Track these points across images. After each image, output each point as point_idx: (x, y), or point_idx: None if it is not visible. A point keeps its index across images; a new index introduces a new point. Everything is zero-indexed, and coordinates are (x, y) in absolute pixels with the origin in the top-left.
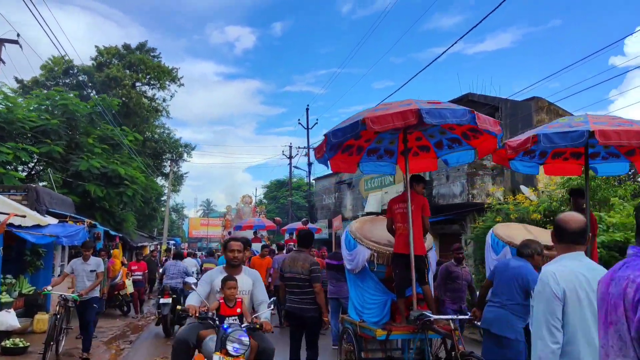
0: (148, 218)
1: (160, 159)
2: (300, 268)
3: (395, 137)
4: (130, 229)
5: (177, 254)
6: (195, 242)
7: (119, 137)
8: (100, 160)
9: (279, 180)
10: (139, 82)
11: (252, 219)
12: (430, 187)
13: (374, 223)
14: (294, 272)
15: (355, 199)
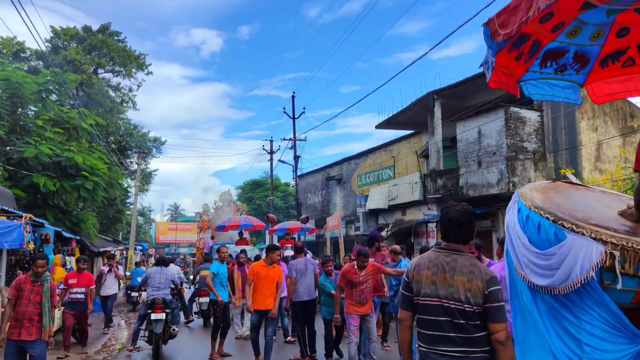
0: (112, 221)
1: (125, 155)
2: (461, 287)
3: (607, 23)
4: (90, 231)
5: (161, 259)
6: (162, 248)
7: (74, 121)
8: (53, 147)
9: (254, 180)
10: (101, 68)
11: (238, 217)
12: (457, 175)
13: (568, 192)
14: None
15: (346, 196)
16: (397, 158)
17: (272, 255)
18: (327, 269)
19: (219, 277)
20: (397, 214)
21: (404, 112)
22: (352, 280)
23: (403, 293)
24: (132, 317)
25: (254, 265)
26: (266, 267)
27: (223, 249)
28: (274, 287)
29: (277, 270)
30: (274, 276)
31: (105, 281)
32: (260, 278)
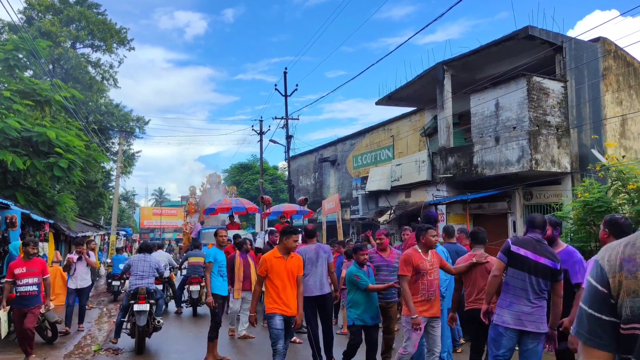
0: (94, 205)
1: (107, 135)
2: None
3: None
4: (66, 215)
5: (145, 246)
6: (147, 233)
7: (46, 92)
8: (22, 120)
9: (241, 163)
10: (79, 42)
11: (229, 199)
12: (471, 153)
13: None
14: None
15: (341, 179)
16: (397, 137)
17: (287, 241)
18: (360, 257)
19: (217, 265)
20: (401, 196)
21: (408, 86)
22: (418, 267)
23: (595, 316)
24: (113, 308)
25: (267, 257)
26: (282, 258)
27: (222, 232)
28: (294, 284)
29: (297, 261)
30: (294, 270)
31: (75, 272)
32: (275, 273)
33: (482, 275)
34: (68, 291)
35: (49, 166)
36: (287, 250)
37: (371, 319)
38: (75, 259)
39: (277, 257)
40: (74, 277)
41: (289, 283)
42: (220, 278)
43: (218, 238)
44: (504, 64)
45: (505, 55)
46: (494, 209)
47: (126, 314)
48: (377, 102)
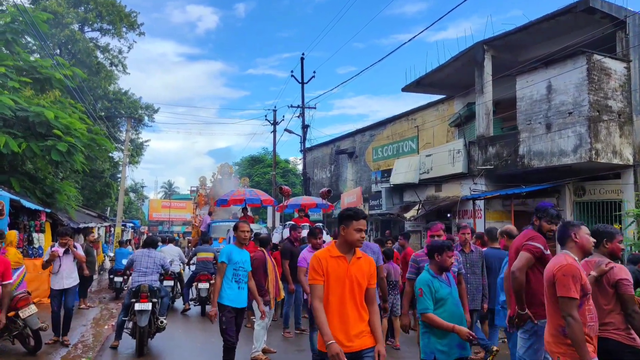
0: (100, 195)
1: (115, 123)
2: None
3: None
4: (67, 204)
5: (150, 240)
6: (155, 226)
7: (46, 70)
8: (17, 98)
9: (252, 156)
10: (87, 25)
11: (242, 190)
12: (516, 141)
13: None
14: None
15: (359, 171)
16: (422, 127)
17: (348, 232)
18: (447, 260)
19: (231, 267)
20: (430, 190)
21: (440, 70)
22: (585, 285)
23: None
24: (114, 308)
25: (320, 255)
26: (343, 258)
27: (243, 226)
28: (361, 300)
29: (367, 264)
30: (361, 278)
31: (60, 268)
32: (332, 282)
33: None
34: (52, 294)
35: (46, 149)
36: (350, 247)
37: (459, 348)
38: (61, 253)
39: (335, 256)
40: (58, 274)
41: (351, 299)
42: (234, 285)
43: (239, 233)
44: (554, 42)
45: (557, 32)
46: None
47: (128, 313)
48: (404, 89)
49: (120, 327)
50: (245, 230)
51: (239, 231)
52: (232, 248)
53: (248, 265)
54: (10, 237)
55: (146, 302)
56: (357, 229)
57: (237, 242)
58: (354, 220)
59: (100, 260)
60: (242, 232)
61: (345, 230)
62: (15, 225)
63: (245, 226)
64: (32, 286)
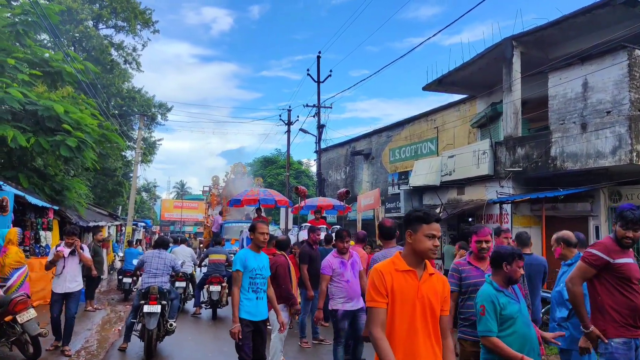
0: (112, 194)
1: (127, 122)
2: None
3: None
4: (77, 202)
5: (160, 241)
6: (167, 226)
7: (57, 63)
8: (26, 91)
9: (265, 157)
10: (102, 22)
11: (256, 190)
12: (547, 142)
13: None
14: None
15: (375, 173)
16: (442, 128)
17: (417, 238)
18: (513, 270)
19: (247, 274)
20: (451, 193)
21: (465, 68)
22: None
23: None
24: (122, 310)
25: (383, 269)
26: (413, 274)
27: (262, 227)
28: (435, 330)
29: (440, 283)
30: (434, 301)
31: (64, 270)
32: (399, 303)
33: None
34: (52, 297)
35: (55, 145)
36: (420, 258)
37: None
38: (67, 254)
39: (402, 270)
40: (61, 277)
41: (423, 327)
42: (251, 295)
43: (257, 235)
44: (589, 38)
45: (592, 27)
46: (572, 210)
47: (137, 315)
48: (425, 87)
49: (129, 329)
50: (265, 232)
51: (256, 233)
52: (248, 253)
53: (266, 271)
54: (10, 235)
55: (155, 304)
56: (428, 235)
57: (253, 246)
58: (424, 224)
59: (111, 260)
60: (261, 233)
61: (412, 237)
62: (22, 223)
63: (265, 227)
64: (38, 286)
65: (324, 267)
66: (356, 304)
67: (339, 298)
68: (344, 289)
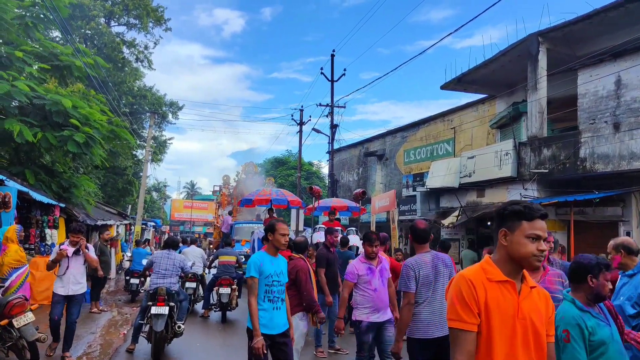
0: (122, 193)
1: (138, 120)
2: None
3: None
4: (84, 199)
5: (170, 241)
6: (177, 226)
7: (66, 57)
8: (34, 85)
9: (276, 157)
10: (114, 19)
11: (268, 189)
12: (577, 143)
13: None
14: None
15: (388, 175)
16: (459, 129)
17: (516, 239)
18: (601, 285)
19: (263, 281)
20: (471, 195)
21: (486, 65)
22: None
23: None
24: (128, 313)
25: (471, 278)
26: (511, 285)
27: (283, 227)
28: (543, 357)
29: (544, 300)
30: (541, 321)
31: (67, 271)
32: (502, 323)
33: None
34: (54, 299)
35: (63, 140)
36: (519, 267)
37: None
38: (71, 253)
39: (498, 281)
40: (64, 278)
41: (525, 357)
42: (267, 304)
43: (277, 237)
44: (620, 34)
45: (624, 21)
46: (602, 215)
47: (145, 316)
48: (443, 86)
49: (137, 330)
50: (286, 233)
51: (276, 234)
52: (263, 257)
53: (284, 277)
54: (8, 232)
55: (163, 305)
56: (531, 236)
57: (271, 248)
58: (525, 221)
59: (119, 259)
60: (282, 235)
61: (508, 238)
62: (27, 220)
63: (286, 228)
64: (43, 285)
65: (348, 273)
66: (383, 316)
67: (364, 308)
68: (371, 299)
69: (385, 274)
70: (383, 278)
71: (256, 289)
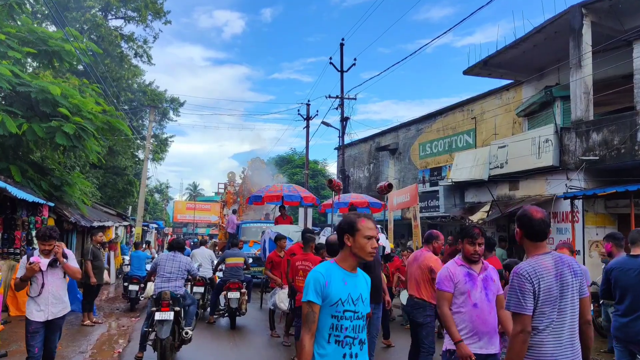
0: (122, 194)
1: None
2: None
3: None
4: (78, 199)
5: (175, 243)
6: (180, 227)
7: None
8: (17, 70)
9: (280, 156)
10: (110, 11)
11: (279, 185)
12: (635, 123)
13: None
14: None
15: (402, 170)
16: (481, 119)
17: None
18: None
19: (333, 309)
20: (502, 188)
21: (516, 45)
22: None
23: None
24: (125, 325)
25: None
26: None
27: (368, 226)
28: None
29: None
30: None
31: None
32: None
33: None
34: (29, 328)
35: (51, 132)
36: None
37: None
38: (44, 266)
39: None
40: (41, 299)
41: None
42: (334, 349)
43: (360, 241)
44: None
45: None
46: None
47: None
48: (467, 71)
49: (143, 337)
50: (374, 234)
51: (359, 237)
52: (331, 271)
53: (365, 305)
54: None
55: (167, 310)
56: None
57: (346, 258)
58: None
59: (119, 263)
60: (368, 238)
61: None
62: (12, 222)
63: (373, 227)
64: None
65: (441, 280)
66: (487, 346)
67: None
68: (469, 318)
69: (491, 286)
70: (488, 291)
71: (314, 321)
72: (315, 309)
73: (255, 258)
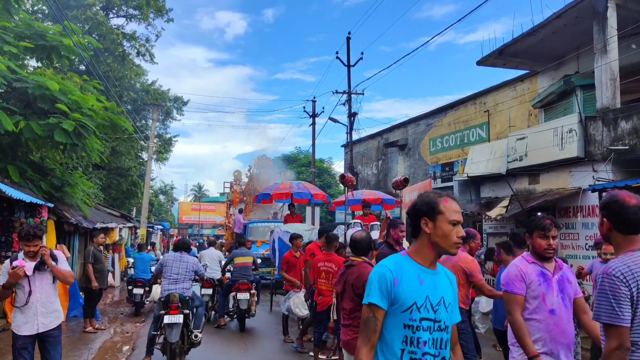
0: (127, 195)
1: (142, 118)
2: None
3: None
4: (81, 199)
5: (182, 243)
6: (185, 229)
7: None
8: (13, 65)
9: (285, 154)
10: (111, 10)
11: (288, 182)
12: None
13: None
14: None
15: (412, 166)
16: (494, 112)
17: None
18: None
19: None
20: (521, 182)
21: (534, 32)
22: None
23: None
24: (129, 330)
25: None
26: None
27: (452, 207)
28: None
29: None
30: None
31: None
32: None
33: None
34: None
35: (49, 129)
36: None
37: None
38: (30, 270)
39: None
40: (28, 309)
41: None
42: None
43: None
44: None
45: None
46: None
47: (158, 327)
48: (481, 61)
49: (150, 341)
50: (459, 219)
51: (441, 221)
52: (402, 265)
53: (450, 312)
54: None
55: (177, 313)
56: None
57: (422, 249)
58: None
59: (123, 265)
60: (453, 224)
61: None
62: (9, 224)
63: (458, 209)
64: None
65: (511, 280)
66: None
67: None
68: (544, 327)
69: (568, 289)
70: (564, 294)
71: (376, 331)
72: (379, 315)
73: (264, 259)
